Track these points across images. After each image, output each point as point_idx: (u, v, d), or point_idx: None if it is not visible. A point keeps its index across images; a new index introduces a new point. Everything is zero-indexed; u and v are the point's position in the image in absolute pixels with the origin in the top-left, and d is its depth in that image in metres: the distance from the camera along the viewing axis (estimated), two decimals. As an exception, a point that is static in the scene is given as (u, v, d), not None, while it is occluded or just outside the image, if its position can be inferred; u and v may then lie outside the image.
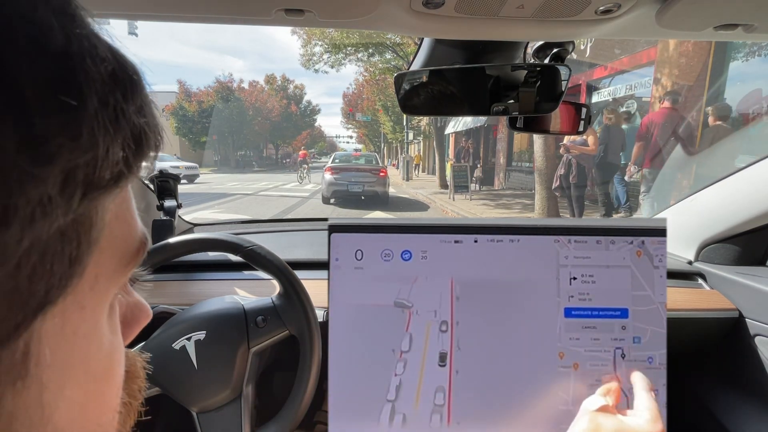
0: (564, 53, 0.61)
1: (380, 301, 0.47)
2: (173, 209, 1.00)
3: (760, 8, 0.46)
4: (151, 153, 0.19)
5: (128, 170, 0.17)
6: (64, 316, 0.16)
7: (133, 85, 0.17)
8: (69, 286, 0.16)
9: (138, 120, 0.17)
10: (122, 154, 0.16)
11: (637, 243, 0.47)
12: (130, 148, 0.17)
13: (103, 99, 0.15)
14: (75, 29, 0.15)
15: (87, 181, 0.15)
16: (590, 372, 0.46)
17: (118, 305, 0.22)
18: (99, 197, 0.16)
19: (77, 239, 0.16)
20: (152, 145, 0.18)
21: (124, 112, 0.16)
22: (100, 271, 0.18)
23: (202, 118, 27.50)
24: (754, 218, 0.83)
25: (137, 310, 0.26)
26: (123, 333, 0.24)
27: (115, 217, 0.18)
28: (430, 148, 19.28)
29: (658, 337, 0.46)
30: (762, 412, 0.78)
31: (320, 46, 13.57)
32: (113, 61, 0.16)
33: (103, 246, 0.18)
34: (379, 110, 20.79)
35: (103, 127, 0.15)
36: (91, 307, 0.18)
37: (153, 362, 0.65)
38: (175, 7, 0.49)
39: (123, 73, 0.17)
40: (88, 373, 0.18)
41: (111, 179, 0.16)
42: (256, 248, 0.70)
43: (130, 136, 0.17)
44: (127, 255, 0.20)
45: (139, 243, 0.21)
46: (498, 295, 0.47)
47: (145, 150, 0.18)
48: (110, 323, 0.20)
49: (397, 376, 0.46)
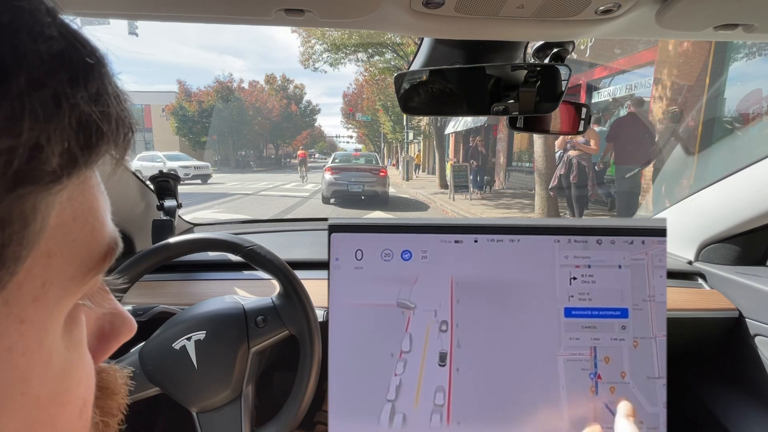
0: (564, 53, 0.61)
1: (380, 301, 0.47)
2: (173, 209, 1.00)
3: (760, 8, 0.46)
4: (109, 147, 0.16)
5: (73, 164, 0.15)
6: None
7: (87, 68, 0.15)
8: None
9: (89, 108, 0.15)
10: (65, 146, 0.14)
11: (637, 243, 0.47)
12: (76, 139, 0.15)
13: (36, 79, 0.13)
14: (13, 1, 0.13)
15: (8, 173, 0.13)
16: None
17: (85, 316, 0.20)
18: (31, 193, 0.14)
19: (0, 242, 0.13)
20: (110, 138, 0.16)
21: (67, 97, 0.14)
22: (50, 279, 0.16)
23: (202, 118, 27.50)
24: (754, 218, 0.83)
25: (118, 321, 0.23)
26: (99, 347, 0.22)
27: (72, 219, 0.16)
28: (430, 148, 19.28)
29: (658, 337, 0.46)
30: (762, 412, 0.78)
31: (320, 45, 13.58)
32: (62, 41, 0.14)
33: (52, 250, 0.16)
34: (379, 110, 20.80)
35: (31, 111, 0.13)
36: (34, 321, 0.16)
37: (153, 362, 0.65)
38: (175, 7, 0.49)
39: (75, 54, 0.15)
40: (30, 397, 0.16)
41: (49, 173, 0.14)
42: (256, 248, 0.70)
43: (76, 125, 0.14)
44: (89, 261, 0.18)
45: (107, 248, 0.18)
46: (498, 295, 0.47)
47: (97, 143, 0.16)
48: (67, 338, 0.18)
49: (397, 376, 0.46)
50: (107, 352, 0.23)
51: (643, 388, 0.45)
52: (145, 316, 0.72)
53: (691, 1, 0.44)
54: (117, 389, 0.24)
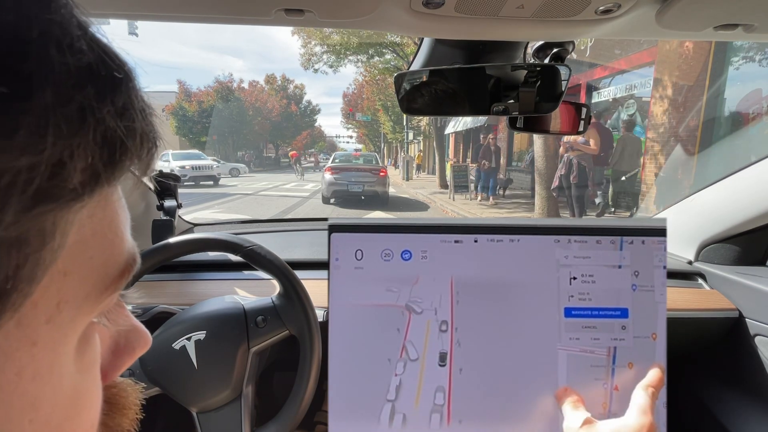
0: (564, 53, 0.61)
1: (380, 301, 0.47)
2: (173, 209, 1.00)
3: (760, 8, 0.46)
4: (132, 162, 0.16)
5: (95, 181, 0.14)
6: (1, 354, 0.13)
7: (114, 82, 0.15)
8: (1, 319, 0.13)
9: (115, 123, 0.14)
10: (88, 161, 0.14)
11: (637, 243, 0.47)
12: (100, 155, 0.14)
13: (63, 94, 0.13)
14: (45, 14, 0.13)
15: (29, 191, 0.12)
16: (590, 372, 0.46)
17: (99, 335, 0.19)
18: (52, 211, 0.13)
19: (15, 262, 0.13)
20: (134, 154, 0.16)
21: (93, 112, 0.14)
22: (65, 299, 0.15)
23: (202, 118, 27.50)
24: (754, 218, 0.83)
25: (133, 336, 0.22)
26: (113, 363, 0.21)
27: (91, 235, 0.16)
28: (430, 148, 19.28)
29: (658, 337, 0.46)
30: (762, 412, 0.78)
31: (320, 47, 13.59)
32: (91, 55, 0.14)
33: (68, 269, 0.15)
34: (379, 110, 20.79)
35: (55, 127, 0.13)
36: (46, 343, 0.15)
37: (153, 362, 0.65)
38: (175, 7, 0.49)
39: (103, 68, 0.14)
40: (39, 424, 0.15)
41: (71, 190, 0.13)
42: (256, 248, 0.70)
43: (101, 140, 0.14)
44: (107, 279, 0.17)
45: (125, 264, 0.18)
46: (498, 294, 0.47)
47: (121, 159, 0.15)
48: (79, 360, 0.17)
49: (397, 376, 0.46)
50: (122, 368, 0.22)
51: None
52: (145, 316, 0.72)
53: (691, 1, 0.44)
54: (128, 404, 0.23)
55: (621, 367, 0.46)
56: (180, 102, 27.60)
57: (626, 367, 0.46)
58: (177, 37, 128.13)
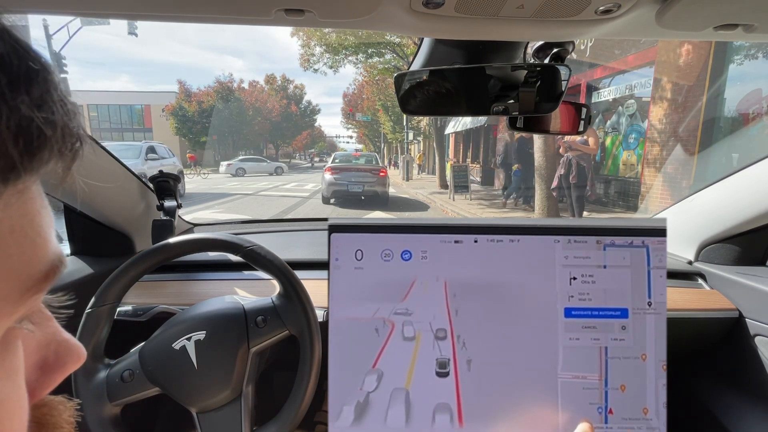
0: (564, 53, 0.61)
1: (381, 301, 0.47)
2: (173, 209, 1.00)
3: (760, 8, 0.46)
4: (53, 154, 0.15)
5: (10, 169, 0.14)
6: None
7: (29, 74, 0.15)
8: None
9: (31, 112, 0.14)
10: (2, 149, 0.13)
11: (637, 243, 0.47)
12: (14, 143, 0.14)
13: None
14: None
15: None
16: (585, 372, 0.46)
17: (24, 347, 0.18)
18: None
19: None
20: (54, 145, 0.15)
21: (6, 100, 0.13)
22: None
23: (202, 118, 27.50)
24: (754, 218, 0.83)
25: (64, 351, 0.21)
26: (41, 380, 0.20)
27: (8, 231, 0.15)
28: (430, 149, 19.27)
29: (658, 337, 0.46)
30: (762, 412, 0.78)
31: (320, 47, 13.59)
32: (2, 45, 0.14)
33: None
34: (379, 110, 20.80)
35: None
36: None
37: (153, 362, 0.65)
38: (175, 7, 0.49)
39: (16, 58, 0.14)
40: None
41: None
42: (256, 248, 0.70)
43: (15, 128, 0.14)
44: (28, 280, 0.16)
45: (49, 266, 0.17)
46: (497, 294, 0.47)
47: (40, 149, 0.15)
48: (0, 366, 0.16)
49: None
50: (51, 385, 0.20)
51: (642, 387, 0.45)
52: (145, 316, 0.72)
53: (691, 1, 0.44)
54: (61, 425, 0.21)
55: (614, 358, 0.46)
56: (180, 102, 27.61)
57: (626, 367, 0.46)
58: (177, 37, 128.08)
